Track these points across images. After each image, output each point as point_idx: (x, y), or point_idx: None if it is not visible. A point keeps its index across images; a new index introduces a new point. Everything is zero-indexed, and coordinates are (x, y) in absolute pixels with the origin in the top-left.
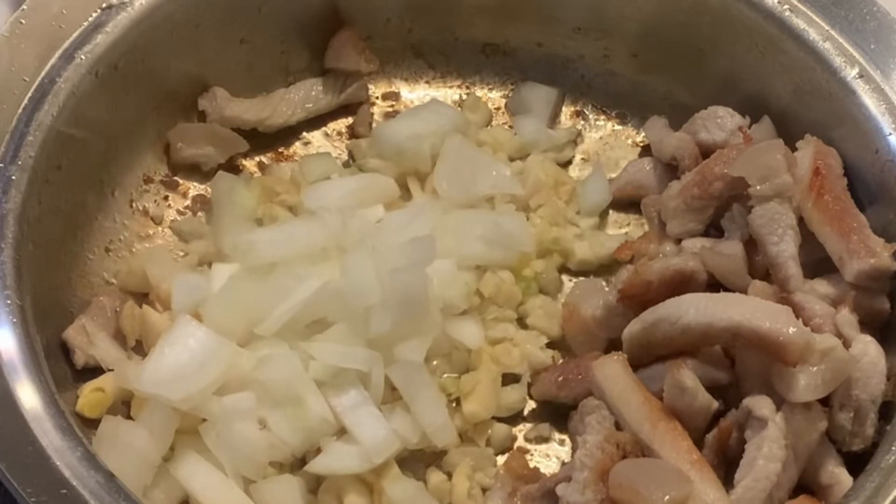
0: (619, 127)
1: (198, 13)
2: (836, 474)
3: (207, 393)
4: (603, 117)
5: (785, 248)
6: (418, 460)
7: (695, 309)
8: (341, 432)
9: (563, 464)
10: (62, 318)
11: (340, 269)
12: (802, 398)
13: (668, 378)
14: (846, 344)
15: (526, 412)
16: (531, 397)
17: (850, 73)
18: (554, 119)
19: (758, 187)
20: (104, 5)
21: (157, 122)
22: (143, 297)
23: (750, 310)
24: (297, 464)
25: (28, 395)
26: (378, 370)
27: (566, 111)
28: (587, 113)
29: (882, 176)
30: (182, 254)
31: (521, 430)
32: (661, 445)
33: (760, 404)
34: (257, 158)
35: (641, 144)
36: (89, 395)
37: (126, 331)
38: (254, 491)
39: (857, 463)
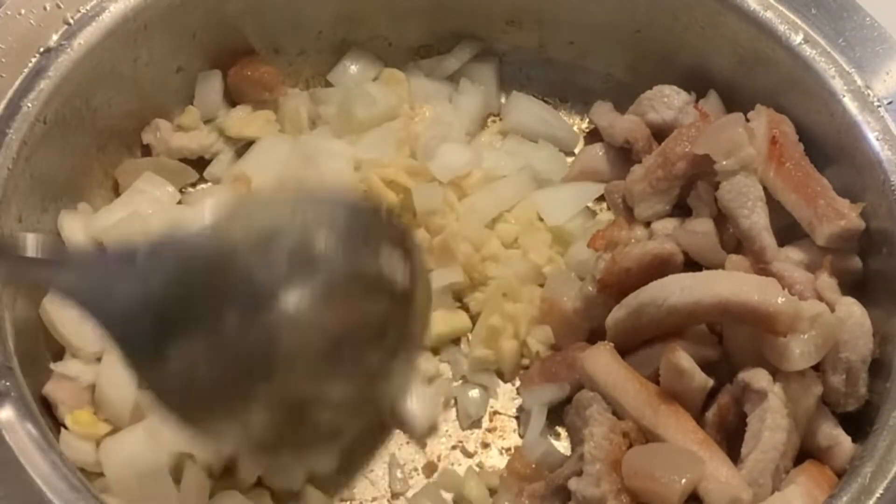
0: (562, 114)
1: (136, 46)
2: (835, 436)
3: None
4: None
5: (757, 219)
6: None
7: (680, 289)
8: None
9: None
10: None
11: None
12: (799, 366)
13: (663, 362)
14: (830, 307)
15: (515, 410)
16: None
17: (796, 40)
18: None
19: (723, 162)
20: (42, 49)
21: (103, 161)
22: None
23: (736, 284)
24: None
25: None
26: None
27: None
28: None
29: (839, 137)
30: None
31: (514, 430)
32: (665, 429)
33: (758, 377)
34: (207, 186)
35: (587, 130)
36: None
37: None
38: None
39: (848, 422)
